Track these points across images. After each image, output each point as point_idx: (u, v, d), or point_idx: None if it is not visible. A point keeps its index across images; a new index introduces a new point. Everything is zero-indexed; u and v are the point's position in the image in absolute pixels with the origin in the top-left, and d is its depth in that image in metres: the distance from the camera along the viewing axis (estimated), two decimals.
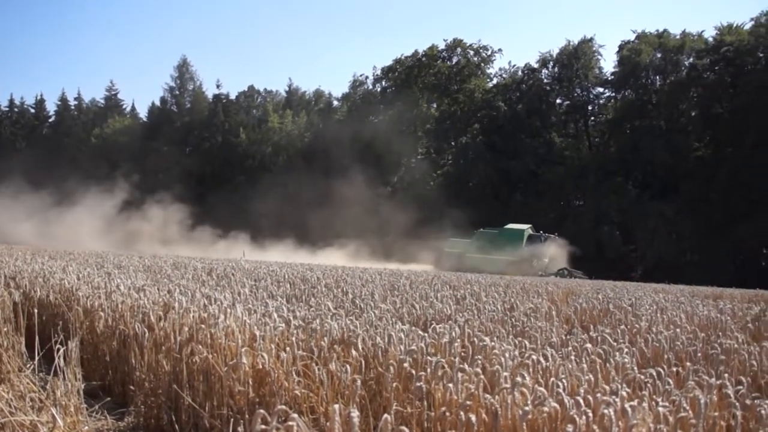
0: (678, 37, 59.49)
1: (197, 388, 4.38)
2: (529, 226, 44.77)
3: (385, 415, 2.69)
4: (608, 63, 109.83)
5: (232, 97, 76.88)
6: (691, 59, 57.82)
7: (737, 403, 3.19)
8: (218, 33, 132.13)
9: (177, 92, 77.61)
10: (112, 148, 70.92)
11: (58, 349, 3.99)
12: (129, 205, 55.94)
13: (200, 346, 4.51)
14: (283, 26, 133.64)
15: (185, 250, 40.58)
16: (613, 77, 62.58)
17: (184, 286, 8.40)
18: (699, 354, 5.26)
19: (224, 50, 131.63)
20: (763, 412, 3.09)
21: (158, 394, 4.71)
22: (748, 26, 55.59)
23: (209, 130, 73.28)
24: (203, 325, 4.78)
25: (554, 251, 42.48)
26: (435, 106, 69.55)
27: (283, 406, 2.63)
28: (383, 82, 72.31)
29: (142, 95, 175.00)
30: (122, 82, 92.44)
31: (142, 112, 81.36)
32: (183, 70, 77.90)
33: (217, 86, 78.40)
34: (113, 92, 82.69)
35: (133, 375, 5.17)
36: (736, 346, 5.28)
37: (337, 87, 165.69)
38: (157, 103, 78.43)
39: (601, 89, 65.12)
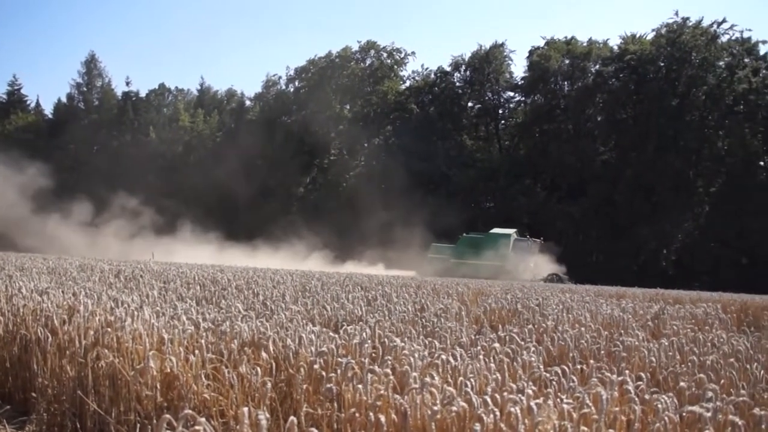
0: (585, 44, 61.29)
1: (103, 394, 4.29)
2: (515, 230, 44.10)
3: (291, 418, 2.69)
4: (518, 68, 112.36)
5: (143, 94, 75.10)
6: (597, 66, 59.64)
7: (637, 398, 3.30)
8: (128, 28, 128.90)
9: (84, 89, 75.06)
10: (14, 146, 68.23)
11: None
12: None
13: (106, 351, 4.41)
14: (194, 23, 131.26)
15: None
16: (523, 82, 64.00)
17: (90, 288, 8.19)
18: (602, 352, 5.44)
19: (134, 46, 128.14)
20: (660, 406, 3.22)
21: (62, 400, 4.59)
22: (650, 36, 57.76)
23: (118, 128, 71.42)
24: (109, 329, 4.68)
25: (540, 256, 41.99)
26: (348, 107, 69.51)
27: (190, 411, 2.59)
28: (296, 83, 71.76)
29: (48, 91, 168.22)
30: (26, 77, 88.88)
31: (48, 109, 78.63)
32: (91, 65, 75.40)
33: (127, 83, 76.02)
34: (16, 87, 79.32)
35: (35, 381, 5.01)
36: (636, 343, 5.49)
37: (249, 87, 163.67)
38: (64, 99, 75.79)
39: (511, 93, 66.54)
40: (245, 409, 2.65)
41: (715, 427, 3.08)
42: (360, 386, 3.43)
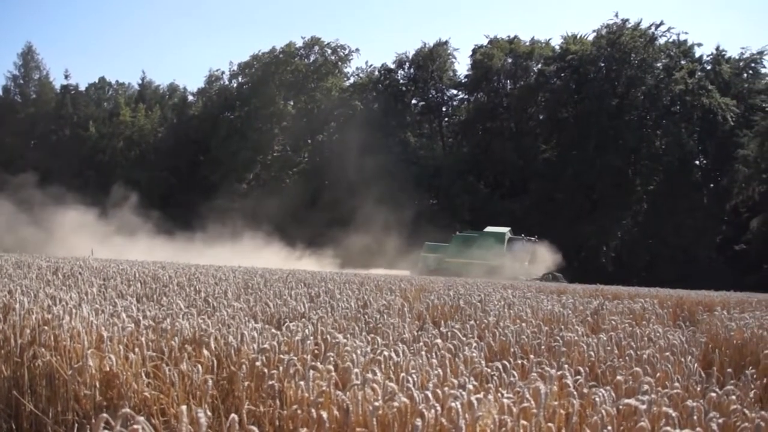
0: (527, 43, 62.16)
1: (40, 394, 4.20)
2: (509, 228, 43.75)
3: (233, 415, 2.67)
4: (462, 66, 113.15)
5: (82, 88, 73.71)
6: (539, 65, 60.51)
7: (575, 392, 3.34)
8: (67, 20, 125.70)
9: (21, 81, 73.01)
10: None
11: None
12: None
13: (43, 349, 4.31)
14: (136, 16, 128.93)
15: None
16: (466, 80, 64.63)
17: (27, 285, 7.99)
18: (543, 347, 5.51)
19: (73, 39, 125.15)
20: (597, 399, 3.27)
21: None
22: (591, 37, 58.85)
23: (57, 122, 69.85)
24: (47, 327, 4.58)
25: (535, 254, 41.75)
26: (292, 103, 69.16)
27: (128, 409, 2.56)
28: (239, 78, 71.12)
29: None
30: None
31: None
32: (28, 57, 73.34)
33: (66, 76, 74.01)
34: None
35: None
36: (576, 338, 5.56)
37: (192, 82, 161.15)
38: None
39: (454, 91, 67.17)
40: (184, 406, 2.63)
41: (650, 419, 3.15)
42: (302, 383, 3.42)
